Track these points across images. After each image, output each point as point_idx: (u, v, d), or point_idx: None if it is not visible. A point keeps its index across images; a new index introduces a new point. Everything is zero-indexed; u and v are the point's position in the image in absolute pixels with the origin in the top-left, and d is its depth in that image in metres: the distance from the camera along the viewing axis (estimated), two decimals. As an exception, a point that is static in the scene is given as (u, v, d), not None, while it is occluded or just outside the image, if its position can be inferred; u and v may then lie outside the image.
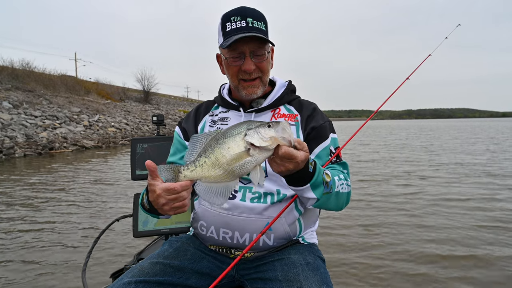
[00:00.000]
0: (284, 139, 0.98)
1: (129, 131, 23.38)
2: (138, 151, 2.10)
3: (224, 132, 1.02)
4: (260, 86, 1.41)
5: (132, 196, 2.12)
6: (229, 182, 1.03)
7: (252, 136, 0.98)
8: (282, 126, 0.98)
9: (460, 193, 6.58)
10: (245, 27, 1.31)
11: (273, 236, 1.36)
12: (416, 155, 13.35)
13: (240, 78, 1.39)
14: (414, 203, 5.87)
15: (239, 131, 1.00)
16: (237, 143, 0.99)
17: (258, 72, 1.38)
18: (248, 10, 1.34)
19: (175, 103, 52.37)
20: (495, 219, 4.89)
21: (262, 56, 1.36)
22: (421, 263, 3.50)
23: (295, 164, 1.01)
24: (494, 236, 4.22)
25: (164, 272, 1.26)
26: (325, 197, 1.20)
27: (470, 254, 3.69)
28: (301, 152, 1.00)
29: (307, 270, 1.23)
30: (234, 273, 1.38)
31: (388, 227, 4.62)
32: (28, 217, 5.27)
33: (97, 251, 3.75)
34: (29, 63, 27.07)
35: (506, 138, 22.55)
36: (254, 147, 0.97)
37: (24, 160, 12.73)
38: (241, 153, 0.98)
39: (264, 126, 0.98)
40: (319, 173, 1.14)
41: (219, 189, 1.03)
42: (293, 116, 1.47)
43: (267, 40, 1.34)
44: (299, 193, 1.17)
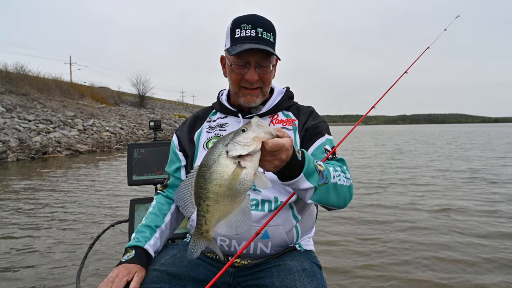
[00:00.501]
0: (265, 133, 0.93)
1: (124, 136, 23.26)
2: (135, 156, 2.08)
3: (204, 164, 0.95)
4: (259, 96, 1.41)
5: (128, 202, 2.10)
6: (241, 203, 0.97)
7: (234, 149, 0.92)
8: (255, 123, 0.94)
9: (462, 203, 6.19)
10: (254, 37, 1.31)
11: (271, 244, 1.35)
12: (414, 161, 13.03)
13: (242, 85, 1.39)
14: (413, 214, 5.57)
15: (218, 153, 0.94)
16: (225, 165, 0.93)
17: (260, 82, 1.38)
18: (259, 20, 1.34)
19: (170, 108, 52.30)
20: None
21: (267, 68, 1.36)
22: (420, 271, 3.50)
23: (286, 152, 0.97)
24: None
25: (161, 279, 1.25)
26: (323, 189, 1.14)
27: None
28: (285, 138, 0.96)
29: (303, 277, 1.22)
30: (231, 280, 1.37)
31: (388, 236, 4.60)
32: (20, 223, 5.19)
33: (92, 258, 3.70)
34: (23, 67, 26.99)
35: (506, 143, 22.50)
36: (243, 157, 0.92)
37: (17, 164, 12.58)
38: (235, 171, 0.92)
39: (240, 134, 0.93)
40: (309, 160, 1.10)
41: (238, 217, 0.97)
42: (291, 121, 1.48)
43: (273, 53, 1.34)
44: (295, 186, 1.10)
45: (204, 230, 1.00)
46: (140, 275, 1.23)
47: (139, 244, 1.32)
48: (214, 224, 0.99)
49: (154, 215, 1.44)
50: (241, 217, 0.97)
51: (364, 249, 4.04)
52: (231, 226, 0.98)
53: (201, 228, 1.00)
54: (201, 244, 1.02)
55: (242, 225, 0.97)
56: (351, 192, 1.27)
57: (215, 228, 1.00)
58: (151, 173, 2.11)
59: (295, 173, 1.07)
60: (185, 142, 1.53)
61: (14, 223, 5.13)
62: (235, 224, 0.97)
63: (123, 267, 1.23)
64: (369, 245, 4.15)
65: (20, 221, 5.27)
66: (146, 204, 2.05)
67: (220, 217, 0.98)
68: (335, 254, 3.88)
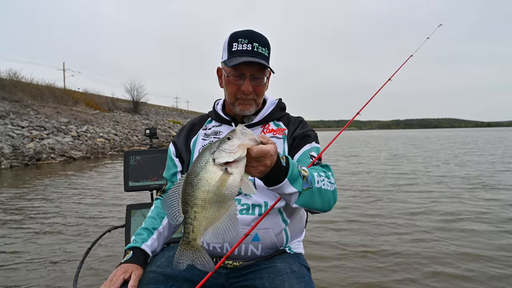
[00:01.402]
0: (250, 140, 0.96)
1: (118, 142, 23.18)
2: (131, 163, 2.15)
3: (192, 172, 0.97)
4: (253, 105, 1.50)
5: (125, 207, 2.15)
6: (228, 209, 0.98)
7: (221, 156, 0.94)
8: (240, 131, 0.97)
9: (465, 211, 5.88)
10: (250, 51, 1.40)
11: (261, 246, 1.41)
12: (413, 167, 12.57)
13: (237, 97, 1.48)
14: (418, 223, 5.22)
15: (205, 160, 0.96)
16: (213, 171, 0.95)
17: (254, 94, 1.47)
18: (255, 35, 1.43)
19: (164, 113, 52.19)
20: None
21: (261, 80, 1.46)
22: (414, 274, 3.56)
23: (270, 158, 1.02)
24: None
25: (157, 280, 1.31)
26: (307, 193, 1.21)
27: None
28: (269, 145, 1.01)
29: (292, 278, 1.28)
30: (224, 281, 1.42)
31: (392, 248, 4.64)
32: (16, 228, 5.19)
33: (89, 263, 3.73)
34: (16, 73, 26.84)
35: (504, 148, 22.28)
36: (229, 164, 0.94)
37: (11, 171, 12.51)
38: (222, 177, 0.94)
39: (225, 141, 0.96)
40: (293, 166, 1.16)
41: (225, 223, 0.98)
42: (281, 130, 1.56)
43: (268, 66, 1.43)
44: (280, 190, 1.16)
45: (191, 239, 1.00)
46: (137, 273, 1.30)
47: (136, 245, 1.40)
48: (201, 232, 0.99)
49: (152, 218, 1.52)
50: (229, 224, 0.98)
51: (367, 263, 4.10)
52: (218, 233, 0.98)
53: (188, 236, 1.00)
54: (188, 254, 1.02)
55: (229, 233, 0.98)
56: (335, 196, 1.34)
57: (202, 236, 1.00)
58: (147, 179, 2.17)
59: (279, 178, 1.12)
60: (182, 149, 1.61)
61: (10, 228, 5.13)
62: (222, 231, 0.98)
63: (121, 267, 1.31)
64: (371, 259, 4.22)
65: (16, 225, 5.27)
66: (142, 210, 2.11)
67: (207, 224, 0.98)
68: (324, 256, 3.95)
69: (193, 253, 1.02)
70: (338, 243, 4.39)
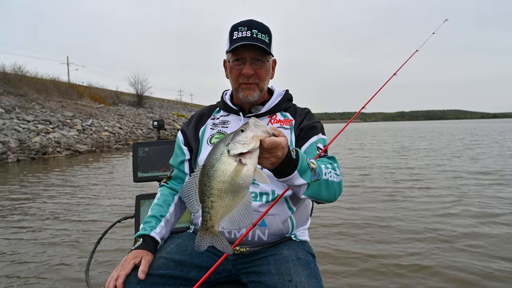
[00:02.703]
0: (263, 132, 1.00)
1: (123, 135, 23.31)
2: (140, 154, 2.18)
3: (208, 163, 1.01)
4: (256, 90, 1.51)
5: (134, 198, 2.19)
6: (243, 198, 1.02)
7: (235, 148, 0.98)
8: (253, 123, 1.00)
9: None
10: (249, 37, 1.43)
11: (268, 232, 1.45)
12: (424, 160, 11.89)
13: (240, 82, 1.50)
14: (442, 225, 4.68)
15: (220, 152, 1.00)
16: (228, 162, 0.98)
17: (256, 78, 1.49)
18: (254, 23, 1.47)
19: (168, 107, 52.30)
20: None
21: (262, 63, 1.48)
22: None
23: (282, 150, 1.06)
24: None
25: (166, 266, 1.35)
26: (315, 185, 1.25)
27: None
28: (281, 137, 1.04)
29: (298, 265, 1.32)
30: (231, 267, 1.46)
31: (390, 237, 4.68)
32: (29, 220, 5.29)
33: (100, 252, 3.81)
34: (21, 68, 26.96)
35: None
36: (243, 155, 0.98)
37: (17, 165, 12.65)
38: (237, 168, 0.98)
39: (239, 133, 0.99)
40: (303, 158, 1.19)
41: (240, 212, 1.02)
42: (288, 121, 1.58)
43: (267, 50, 1.46)
44: (290, 182, 1.20)
45: (209, 225, 1.05)
46: (147, 259, 1.34)
47: (146, 232, 1.44)
48: (218, 220, 1.04)
49: (159, 206, 1.55)
50: (244, 212, 1.02)
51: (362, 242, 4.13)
52: (234, 221, 1.03)
53: (206, 223, 1.05)
54: (207, 238, 1.08)
55: (244, 220, 1.02)
56: (340, 187, 1.38)
57: (219, 223, 1.05)
58: (155, 170, 2.21)
59: (289, 170, 1.16)
60: (191, 137, 1.64)
61: (23, 220, 5.22)
62: (238, 219, 1.03)
63: (132, 253, 1.36)
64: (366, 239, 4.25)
65: (27, 217, 5.37)
66: (151, 200, 2.15)
67: (224, 212, 1.03)
68: (329, 245, 3.98)
69: (212, 237, 1.08)
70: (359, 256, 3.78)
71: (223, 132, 1.58)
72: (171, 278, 1.34)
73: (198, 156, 1.58)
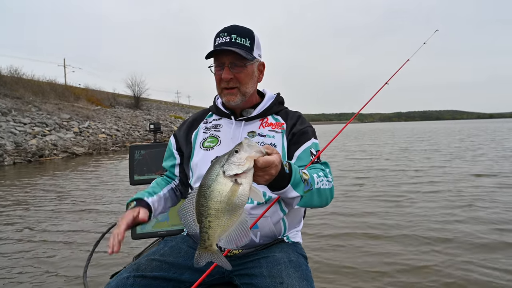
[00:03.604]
0: (256, 152, 1.03)
1: (120, 137, 23.27)
2: (136, 157, 2.20)
3: (204, 184, 1.03)
4: (238, 95, 1.51)
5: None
6: (240, 217, 1.05)
7: (230, 169, 1.00)
8: (246, 144, 1.03)
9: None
10: (228, 42, 1.45)
11: (259, 234, 1.46)
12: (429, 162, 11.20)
13: (222, 86, 1.52)
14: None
15: (216, 173, 1.02)
16: (224, 183, 1.01)
17: (236, 82, 1.49)
18: (235, 28, 1.48)
19: (166, 109, 52.24)
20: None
21: (240, 68, 1.48)
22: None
23: (275, 168, 1.08)
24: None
25: (160, 268, 1.37)
26: (307, 195, 1.27)
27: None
28: (274, 156, 1.07)
29: (289, 267, 1.33)
30: (224, 269, 1.46)
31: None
32: (23, 224, 5.28)
33: (97, 254, 3.82)
34: (17, 70, 26.86)
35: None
36: (239, 175, 1.01)
37: (14, 168, 12.61)
38: (232, 188, 1.00)
39: (233, 155, 1.01)
40: (296, 171, 1.21)
41: (237, 230, 1.05)
42: (280, 125, 1.59)
43: (243, 55, 1.44)
44: (283, 195, 1.23)
45: (207, 245, 1.07)
46: (144, 210, 1.34)
47: (139, 196, 1.44)
48: (216, 239, 1.05)
49: (152, 187, 1.57)
50: (241, 231, 1.04)
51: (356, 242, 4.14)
52: (231, 240, 1.05)
53: (204, 243, 1.07)
54: (206, 256, 1.10)
55: (241, 238, 1.04)
56: (332, 193, 1.41)
57: (217, 241, 1.07)
58: (151, 173, 2.22)
59: (283, 184, 1.18)
60: (182, 143, 1.66)
61: (21, 222, 5.21)
62: (235, 238, 1.05)
63: (128, 211, 1.33)
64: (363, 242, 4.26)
65: (25, 220, 5.36)
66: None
67: (221, 232, 1.04)
68: (323, 248, 4.00)
69: (211, 255, 1.10)
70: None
71: (215, 136, 1.60)
72: (165, 280, 1.35)
73: (191, 160, 1.60)
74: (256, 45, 1.53)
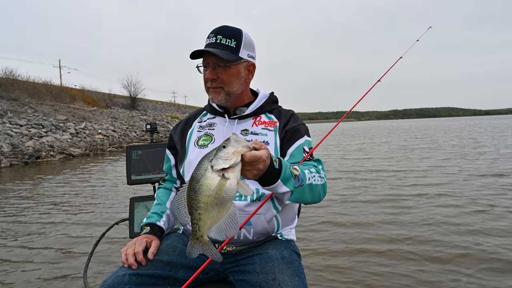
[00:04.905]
0: (243, 147, 1.06)
1: (117, 138, 23.23)
2: (133, 157, 2.22)
3: (193, 179, 1.07)
4: (222, 94, 1.55)
5: (127, 201, 2.23)
6: (229, 210, 1.09)
7: (218, 163, 1.04)
8: (234, 139, 1.06)
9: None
10: (213, 43, 1.49)
11: (253, 231, 1.49)
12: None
13: (208, 86, 1.56)
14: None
15: (204, 168, 1.06)
16: (212, 178, 1.04)
17: (220, 82, 1.53)
18: (223, 29, 1.51)
19: (162, 109, 52.15)
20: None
21: (223, 68, 1.51)
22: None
23: (263, 163, 1.11)
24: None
25: (155, 266, 1.39)
26: (299, 190, 1.29)
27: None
28: (262, 150, 1.09)
29: (282, 264, 1.36)
30: (219, 266, 1.50)
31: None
32: (24, 224, 5.28)
33: (96, 254, 3.84)
34: (13, 71, 26.72)
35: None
36: (226, 170, 1.04)
37: (11, 169, 12.57)
38: (220, 182, 1.04)
39: (221, 149, 1.05)
40: (286, 167, 1.23)
41: (226, 222, 1.09)
42: (273, 123, 1.61)
43: (221, 57, 1.46)
44: (274, 190, 1.25)
45: (198, 236, 1.12)
46: (156, 243, 1.45)
47: (152, 220, 1.56)
48: (207, 230, 1.10)
49: (158, 205, 1.66)
50: (229, 223, 1.09)
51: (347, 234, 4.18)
52: (221, 231, 1.09)
53: (196, 234, 1.12)
54: (197, 247, 1.14)
55: (230, 230, 1.09)
56: (325, 189, 1.44)
57: (208, 233, 1.12)
58: (148, 172, 2.25)
59: (273, 179, 1.20)
60: (177, 140, 1.70)
61: (21, 227, 5.22)
62: (225, 229, 1.09)
63: (141, 236, 1.47)
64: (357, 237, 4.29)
65: (26, 221, 5.36)
66: (145, 202, 2.19)
67: (211, 223, 1.09)
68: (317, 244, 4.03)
69: (202, 246, 1.14)
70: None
71: (209, 134, 1.63)
72: (160, 278, 1.38)
73: (185, 158, 1.63)
74: (245, 45, 1.54)
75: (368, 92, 2.09)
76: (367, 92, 2.00)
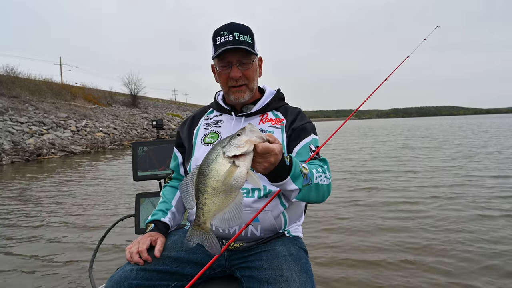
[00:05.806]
0: (257, 138, 1.06)
1: (118, 136, 23.23)
2: (139, 154, 2.23)
3: (204, 163, 1.07)
4: (247, 91, 1.56)
5: (132, 197, 2.23)
6: (235, 199, 1.08)
7: (230, 150, 1.04)
8: (249, 129, 1.06)
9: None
10: (232, 40, 1.47)
11: (260, 227, 1.49)
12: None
13: (229, 85, 1.54)
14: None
15: (216, 153, 1.06)
16: (222, 163, 1.04)
17: (244, 79, 1.53)
18: (235, 26, 1.50)
19: (163, 107, 52.10)
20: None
21: (248, 65, 1.52)
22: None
23: (275, 156, 1.10)
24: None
25: (162, 262, 1.39)
26: (306, 189, 1.29)
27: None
28: (275, 144, 1.09)
29: (289, 260, 1.36)
30: (226, 262, 1.50)
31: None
32: (29, 220, 5.29)
33: (102, 250, 3.86)
34: (14, 69, 26.70)
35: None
36: (237, 157, 1.04)
37: (12, 167, 12.59)
38: (230, 169, 1.03)
39: (235, 137, 1.05)
40: (296, 165, 1.24)
41: (231, 211, 1.08)
42: (280, 121, 1.61)
43: (251, 51, 1.49)
44: (282, 187, 1.24)
45: (201, 221, 1.11)
46: (162, 239, 1.45)
47: (156, 217, 1.55)
48: (210, 217, 1.09)
49: (163, 203, 1.65)
50: (234, 212, 1.08)
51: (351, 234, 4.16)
52: (224, 220, 1.09)
53: (199, 219, 1.11)
54: (198, 234, 1.14)
55: (234, 220, 1.08)
56: (329, 189, 1.44)
57: (211, 220, 1.11)
58: (154, 169, 2.25)
59: (283, 175, 1.20)
60: (185, 138, 1.69)
61: (30, 221, 5.23)
62: (229, 218, 1.08)
63: (146, 234, 1.46)
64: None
65: (32, 218, 5.38)
66: (150, 198, 2.19)
67: (216, 210, 1.08)
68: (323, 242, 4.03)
69: (203, 234, 1.13)
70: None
71: (216, 132, 1.63)
72: (167, 273, 1.38)
73: (192, 155, 1.62)
74: (255, 41, 1.56)
75: (369, 97, 2.07)
76: (374, 91, 1.99)
